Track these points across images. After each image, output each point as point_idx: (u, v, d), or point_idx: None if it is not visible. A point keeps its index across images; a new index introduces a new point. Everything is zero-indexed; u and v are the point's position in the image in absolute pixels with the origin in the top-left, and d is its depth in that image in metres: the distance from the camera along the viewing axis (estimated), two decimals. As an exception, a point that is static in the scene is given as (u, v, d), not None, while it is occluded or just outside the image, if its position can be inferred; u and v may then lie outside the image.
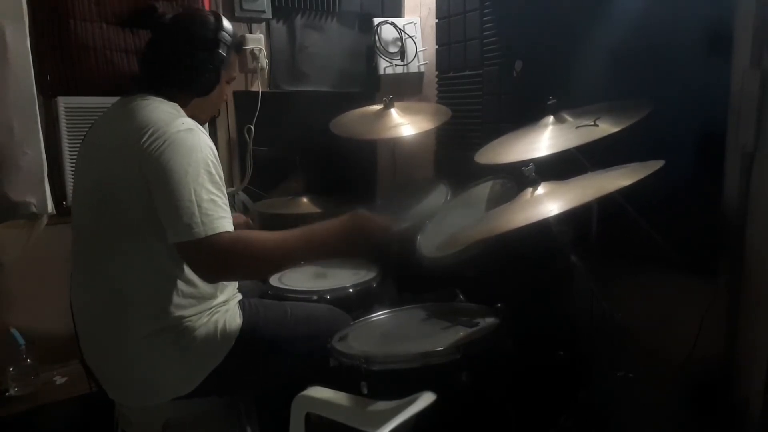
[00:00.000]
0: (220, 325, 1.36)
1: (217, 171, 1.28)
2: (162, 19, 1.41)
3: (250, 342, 1.39)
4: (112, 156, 1.31)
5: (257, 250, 1.27)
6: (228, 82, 1.52)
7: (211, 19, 1.42)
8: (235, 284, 1.50)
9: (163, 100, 1.36)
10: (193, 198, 1.20)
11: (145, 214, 1.26)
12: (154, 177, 1.23)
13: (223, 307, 1.40)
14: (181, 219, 1.20)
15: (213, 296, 1.39)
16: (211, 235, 1.20)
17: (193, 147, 1.25)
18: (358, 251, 1.49)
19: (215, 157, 1.29)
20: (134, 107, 1.32)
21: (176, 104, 1.38)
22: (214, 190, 1.24)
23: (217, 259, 1.23)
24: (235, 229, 1.26)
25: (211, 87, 1.44)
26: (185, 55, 1.38)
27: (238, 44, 1.51)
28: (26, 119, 1.83)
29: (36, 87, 1.86)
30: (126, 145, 1.27)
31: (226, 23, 1.43)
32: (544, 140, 1.51)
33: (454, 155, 2.44)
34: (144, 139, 1.24)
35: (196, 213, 1.20)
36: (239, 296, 1.49)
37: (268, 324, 1.45)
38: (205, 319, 1.35)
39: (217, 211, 1.22)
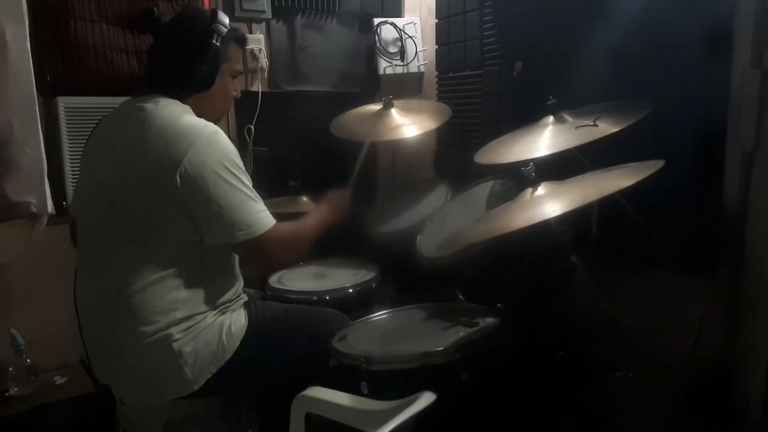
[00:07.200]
0: (225, 327, 1.36)
1: (244, 168, 1.34)
2: (159, 21, 1.41)
3: (254, 344, 1.39)
4: (124, 158, 1.31)
5: (294, 238, 1.45)
6: (233, 77, 1.49)
7: (206, 13, 1.42)
8: (240, 285, 1.50)
9: (176, 102, 1.36)
10: (237, 199, 1.28)
11: (155, 217, 1.26)
12: (192, 184, 1.24)
13: (228, 308, 1.40)
14: (233, 221, 1.27)
15: (218, 297, 1.38)
16: (265, 232, 1.31)
17: (225, 148, 1.30)
18: (342, 217, 1.67)
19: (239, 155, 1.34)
20: (149, 111, 1.31)
21: (187, 106, 1.37)
22: (250, 187, 1.32)
23: (274, 250, 1.35)
24: None
25: (209, 81, 1.41)
26: (179, 50, 1.38)
27: (239, 37, 1.49)
28: (26, 119, 1.83)
29: (36, 87, 1.86)
30: (148, 151, 1.26)
31: (222, 16, 1.41)
32: (544, 140, 1.50)
33: (454, 155, 2.44)
34: (174, 146, 1.25)
35: (245, 213, 1.28)
36: (245, 297, 1.49)
37: (272, 327, 1.45)
38: (210, 320, 1.35)
39: (259, 206, 1.32)
